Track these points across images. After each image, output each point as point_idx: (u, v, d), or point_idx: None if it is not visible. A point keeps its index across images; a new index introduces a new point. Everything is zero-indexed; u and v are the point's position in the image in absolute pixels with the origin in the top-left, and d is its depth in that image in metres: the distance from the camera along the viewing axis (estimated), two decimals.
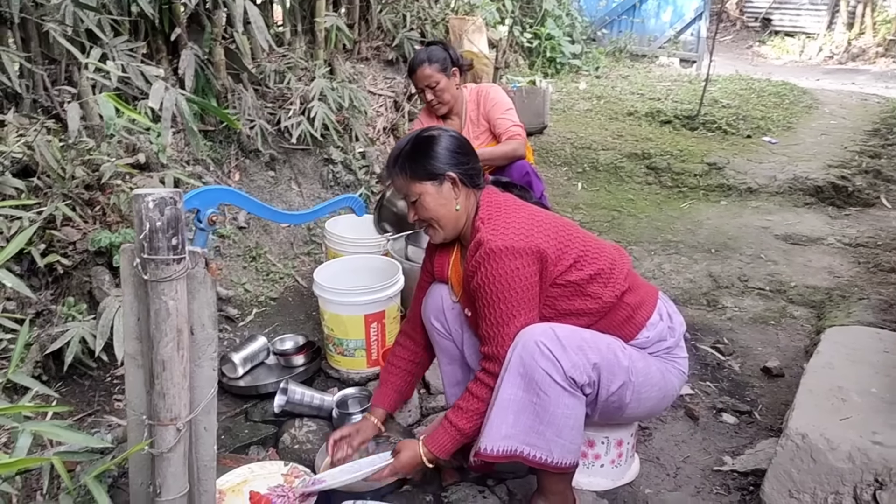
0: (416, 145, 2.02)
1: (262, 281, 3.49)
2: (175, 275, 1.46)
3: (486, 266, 1.87)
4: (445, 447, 1.95)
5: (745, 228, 4.42)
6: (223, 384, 2.75)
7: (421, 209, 2.02)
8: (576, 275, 1.94)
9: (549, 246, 1.90)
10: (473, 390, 1.93)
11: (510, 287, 1.86)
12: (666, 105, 6.75)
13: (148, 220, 1.43)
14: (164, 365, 1.51)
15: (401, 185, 2.03)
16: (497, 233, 1.89)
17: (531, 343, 1.84)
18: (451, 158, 2.00)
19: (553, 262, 1.91)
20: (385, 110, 4.89)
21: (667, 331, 2.08)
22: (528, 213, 1.98)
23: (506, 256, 1.85)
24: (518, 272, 1.85)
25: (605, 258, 2.01)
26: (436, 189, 1.98)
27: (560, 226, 1.99)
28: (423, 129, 2.10)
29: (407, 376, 2.29)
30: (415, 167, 1.99)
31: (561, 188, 5.14)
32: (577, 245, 1.97)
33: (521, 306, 1.88)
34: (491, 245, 1.86)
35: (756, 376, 2.97)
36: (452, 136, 2.05)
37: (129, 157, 3.14)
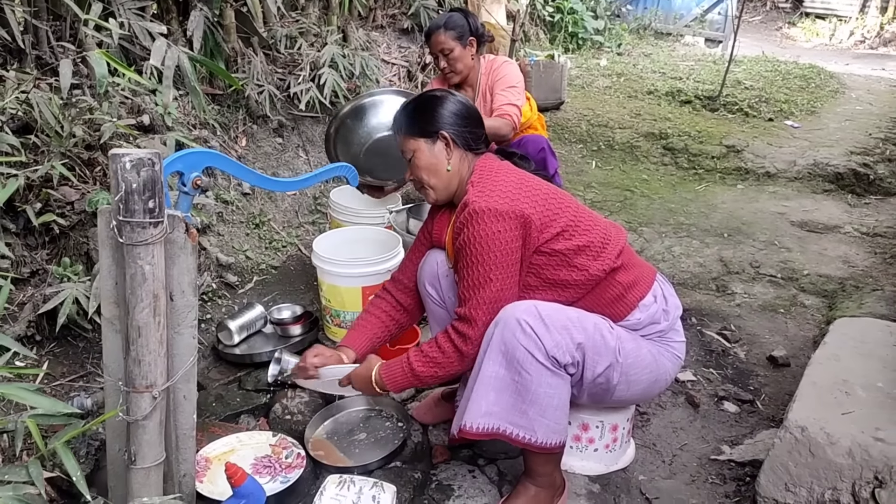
0: (420, 104, 2.05)
1: (264, 249, 3.45)
2: (151, 238, 1.42)
3: (468, 227, 1.85)
4: (397, 381, 1.94)
5: (760, 214, 4.32)
6: (218, 351, 2.73)
7: (413, 167, 2.04)
8: (562, 244, 1.90)
9: (535, 212, 1.86)
10: (439, 340, 1.91)
11: (489, 249, 1.83)
12: (687, 85, 6.60)
13: (124, 181, 1.38)
14: (140, 331, 1.47)
15: (399, 141, 2.06)
16: (483, 195, 1.86)
17: (512, 320, 1.80)
18: (450, 119, 2.00)
19: (538, 229, 1.87)
20: (398, 80, 4.81)
21: (661, 313, 2.02)
22: (518, 178, 1.95)
23: (488, 218, 1.82)
24: (499, 235, 1.82)
25: (598, 232, 1.96)
26: (428, 147, 2.00)
27: (551, 194, 1.94)
28: (431, 89, 2.14)
29: (381, 328, 2.22)
30: (412, 123, 2.02)
31: (574, 166, 5.05)
32: (566, 215, 1.93)
33: (498, 270, 1.84)
34: (475, 206, 1.84)
35: (761, 365, 2.90)
36: (460, 100, 2.06)
37: (132, 119, 3.09)
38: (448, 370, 1.91)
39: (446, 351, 1.90)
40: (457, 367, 1.91)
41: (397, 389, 1.98)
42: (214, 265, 3.14)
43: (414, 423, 2.38)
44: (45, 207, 2.63)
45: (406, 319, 2.27)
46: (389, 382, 1.95)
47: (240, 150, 3.81)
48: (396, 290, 2.26)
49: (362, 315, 2.24)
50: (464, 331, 1.88)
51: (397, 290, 2.26)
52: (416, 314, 2.28)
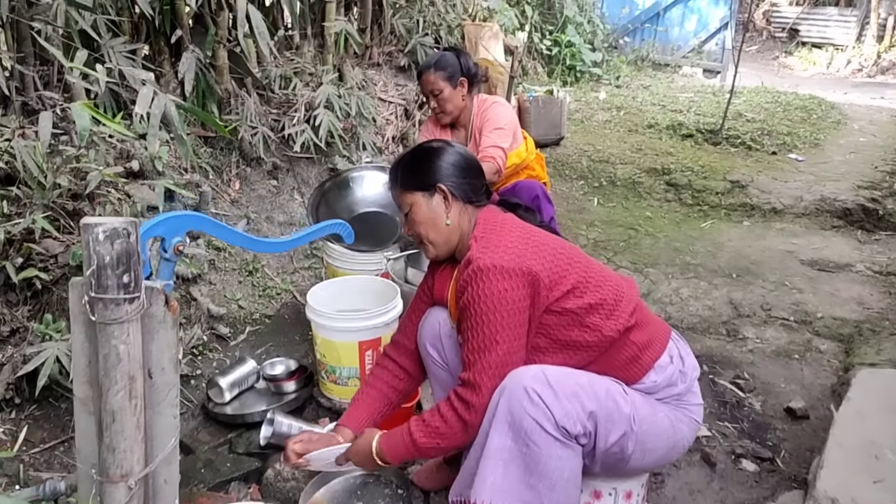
0: (417, 156, 1.97)
1: (257, 297, 3.33)
2: (126, 316, 1.30)
3: (473, 286, 1.73)
4: (398, 453, 1.82)
5: (768, 252, 4.20)
6: (208, 410, 2.60)
7: (411, 221, 1.95)
8: (573, 302, 1.79)
9: (543, 269, 1.75)
10: (442, 410, 1.78)
11: (496, 309, 1.71)
12: (688, 118, 6.53)
13: (96, 254, 1.26)
14: (114, 416, 1.34)
15: (396, 195, 1.98)
16: (487, 251, 1.75)
17: (519, 388, 1.68)
18: (448, 171, 1.92)
19: (547, 287, 1.75)
20: (395, 118, 4.72)
21: (678, 375, 1.89)
22: (525, 232, 1.84)
23: (493, 276, 1.71)
24: (505, 294, 1.71)
25: (610, 288, 1.84)
26: (425, 200, 1.91)
27: (559, 249, 1.83)
28: (428, 140, 2.05)
29: (383, 401, 2.09)
30: (408, 177, 1.94)
31: (576, 203, 4.94)
32: (576, 271, 1.81)
33: (505, 332, 1.72)
34: (479, 263, 1.73)
35: (779, 417, 2.77)
36: (458, 151, 1.97)
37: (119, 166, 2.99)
38: (451, 441, 1.79)
39: (449, 421, 1.77)
40: (461, 438, 1.78)
41: (398, 461, 1.86)
42: (205, 317, 3.01)
43: (415, 490, 2.23)
44: (26, 262, 2.52)
45: (410, 385, 2.14)
46: (390, 454, 1.83)
47: (233, 193, 3.71)
48: (398, 355, 2.13)
49: (362, 388, 2.11)
50: (468, 398, 1.75)
51: (398, 354, 2.13)
52: (419, 378, 2.16)
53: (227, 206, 3.58)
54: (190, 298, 3.02)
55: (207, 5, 3.60)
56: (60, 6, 2.80)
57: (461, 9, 5.83)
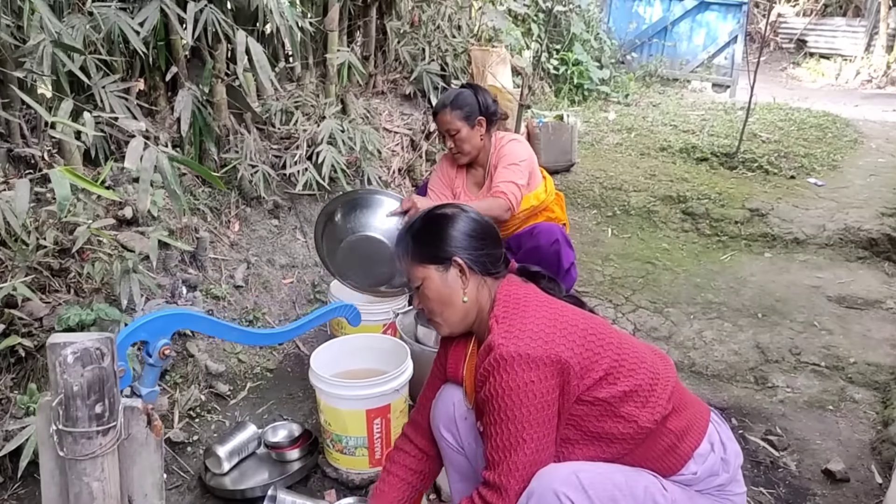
0: (428, 224, 1.77)
1: (258, 349, 3.15)
2: (100, 450, 1.12)
3: (495, 376, 1.55)
4: None
5: (793, 288, 4.01)
6: (205, 483, 2.41)
7: (423, 297, 1.76)
8: (606, 391, 1.60)
9: (574, 355, 1.57)
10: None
11: (522, 403, 1.53)
12: (701, 139, 6.34)
13: (63, 382, 1.08)
14: None
15: (405, 266, 1.78)
16: (511, 336, 1.57)
17: (550, 494, 1.51)
18: (464, 242, 1.73)
19: (578, 376, 1.57)
20: (401, 149, 4.55)
21: (719, 464, 1.71)
22: (552, 312, 1.64)
23: (519, 366, 1.53)
24: (533, 386, 1.53)
25: (645, 371, 1.66)
26: (439, 275, 1.72)
27: (590, 329, 1.64)
28: (440, 205, 1.85)
29: (406, 489, 1.92)
30: (419, 248, 1.75)
31: (589, 234, 4.76)
32: (609, 354, 1.63)
33: (533, 428, 1.55)
34: (502, 351, 1.54)
35: (817, 480, 2.58)
36: (472, 217, 1.78)
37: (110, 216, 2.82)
38: None
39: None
40: None
41: None
42: (203, 374, 2.83)
43: None
44: (8, 328, 2.35)
45: (432, 466, 1.97)
46: None
47: (233, 235, 3.54)
48: (416, 436, 1.96)
49: (382, 477, 1.93)
50: (494, 502, 1.57)
51: (416, 434, 1.96)
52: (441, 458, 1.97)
53: (225, 250, 3.41)
54: (187, 356, 2.84)
55: (204, 38, 3.44)
56: (47, 49, 2.64)
57: (466, 31, 5.68)
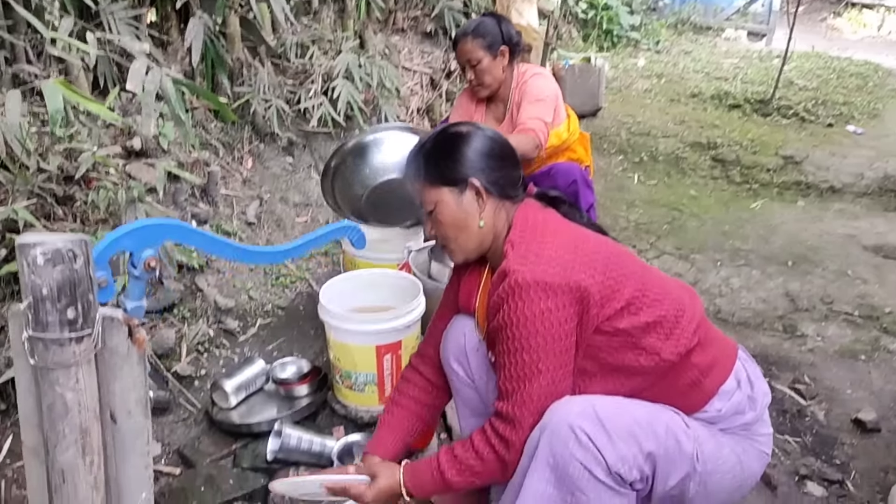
0: (439, 143, 1.63)
1: (270, 286, 3.08)
2: (74, 359, 1.04)
3: (509, 303, 1.45)
4: (425, 488, 1.59)
5: (827, 236, 3.84)
6: (212, 417, 2.36)
7: (436, 222, 1.63)
8: (627, 321, 1.49)
9: (594, 282, 1.46)
10: (477, 445, 1.52)
11: (538, 333, 1.43)
12: (734, 86, 6.10)
13: (31, 284, 1.00)
14: (64, 475, 1.09)
15: (417, 189, 1.65)
16: (527, 262, 1.46)
17: (564, 427, 1.41)
18: (480, 162, 1.59)
19: (597, 304, 1.46)
20: (420, 88, 4.41)
21: (746, 402, 1.60)
22: (572, 237, 1.53)
23: (535, 293, 1.42)
24: (549, 315, 1.42)
25: (670, 303, 1.55)
26: (454, 198, 1.59)
27: (612, 257, 1.53)
28: (453, 123, 1.70)
29: (413, 420, 1.82)
30: (432, 169, 1.61)
31: (615, 180, 4.60)
32: (632, 283, 1.52)
33: (549, 358, 1.45)
34: (518, 277, 1.43)
35: (846, 430, 2.47)
36: (488, 136, 1.64)
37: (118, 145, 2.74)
38: (488, 480, 1.55)
39: (486, 459, 1.50)
40: (499, 476, 1.53)
41: (425, 496, 1.62)
42: (212, 309, 2.77)
43: None
44: (10, 254, 2.28)
45: (441, 399, 1.88)
46: (416, 489, 1.58)
47: (245, 172, 3.45)
48: (424, 367, 1.87)
49: (387, 408, 1.84)
50: (507, 435, 1.48)
51: (425, 366, 1.87)
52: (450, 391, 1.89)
53: (238, 186, 3.32)
54: (196, 290, 2.78)
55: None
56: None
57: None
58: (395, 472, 1.60)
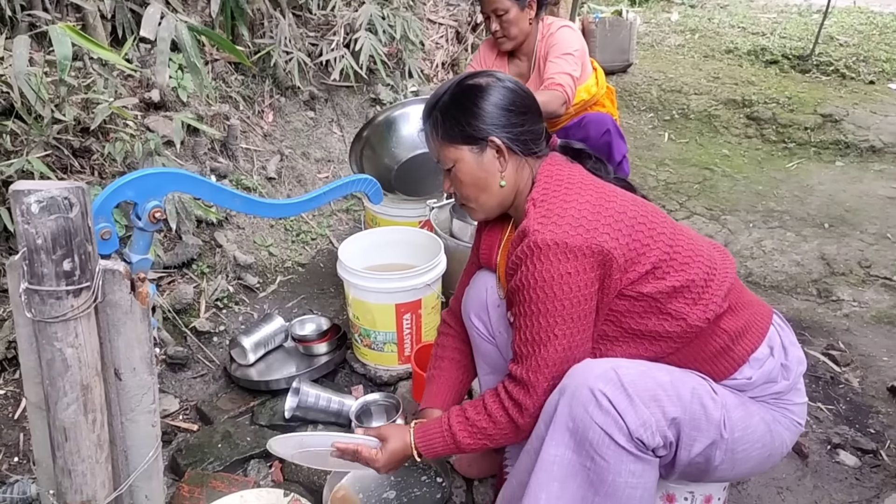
0: (457, 97, 1.53)
1: (290, 243, 3.03)
2: (72, 312, 0.99)
3: (528, 264, 1.38)
4: (435, 449, 1.54)
5: (866, 198, 3.70)
6: (230, 373, 2.34)
7: (455, 181, 1.56)
8: (653, 285, 1.42)
9: (618, 245, 1.38)
10: (490, 408, 1.47)
11: (555, 296, 1.36)
12: (772, 42, 5.88)
13: (25, 233, 0.95)
14: (66, 433, 1.06)
15: (434, 146, 1.57)
16: (548, 221, 1.38)
17: (584, 390, 1.34)
18: (500, 118, 1.50)
19: (621, 268, 1.39)
20: (445, 42, 4.28)
21: (778, 370, 1.52)
22: (597, 196, 1.44)
23: (555, 256, 1.35)
24: (569, 279, 1.36)
25: (700, 265, 1.46)
26: (474, 157, 1.51)
27: (639, 217, 1.44)
28: (470, 74, 1.58)
29: (460, 370, 1.82)
30: (449, 126, 1.52)
31: (644, 138, 4.47)
32: (660, 246, 1.44)
33: (566, 323, 1.39)
34: (537, 238, 1.37)
35: (881, 398, 2.38)
36: (507, 87, 1.53)
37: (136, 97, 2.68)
38: (501, 443, 1.51)
39: (498, 421, 1.47)
40: (512, 439, 1.50)
41: (434, 457, 1.56)
42: (231, 265, 2.73)
43: (455, 478, 1.95)
44: None
45: None
46: (427, 451, 1.54)
47: (266, 126, 3.38)
48: (457, 322, 1.84)
49: (434, 363, 1.82)
50: (520, 399, 1.43)
51: (457, 321, 1.84)
52: None
53: (258, 141, 3.26)
54: (215, 245, 2.74)
55: None
56: None
57: None
58: (406, 435, 1.56)
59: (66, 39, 1.56)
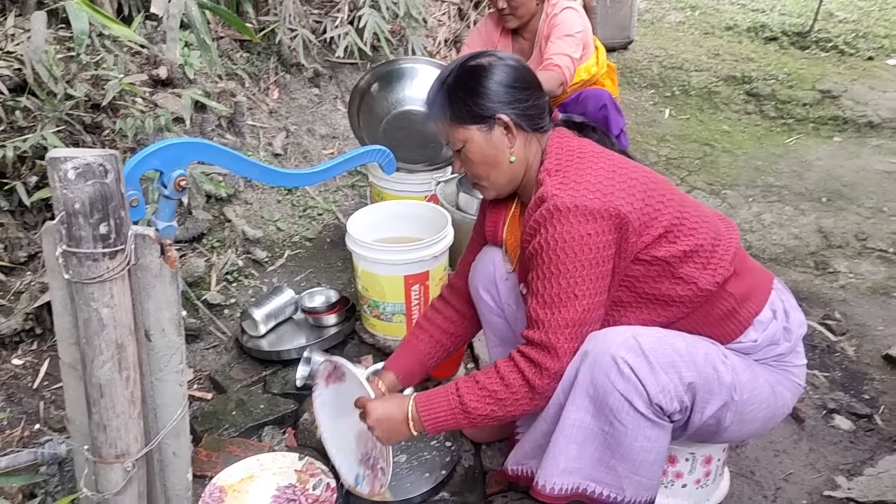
0: (461, 77, 1.56)
1: (297, 218, 3.08)
2: (108, 274, 1.04)
3: (547, 227, 1.42)
4: (439, 419, 1.50)
5: (863, 173, 3.75)
6: (242, 344, 2.40)
7: (465, 161, 1.59)
8: (665, 249, 1.47)
9: (634, 209, 1.43)
10: (504, 371, 1.47)
11: (576, 258, 1.40)
12: (772, 18, 5.90)
13: (64, 198, 1.00)
14: (102, 390, 1.11)
15: (442, 129, 1.59)
16: (566, 187, 1.43)
17: (606, 357, 1.40)
18: (506, 95, 1.53)
19: (636, 232, 1.44)
20: (448, 19, 4.30)
21: (781, 333, 1.58)
22: (610, 163, 1.49)
23: (574, 218, 1.40)
24: (589, 240, 1.40)
25: (707, 231, 1.52)
26: (483, 136, 1.54)
27: (650, 184, 1.50)
28: (473, 55, 1.61)
29: (433, 345, 1.82)
30: (456, 107, 1.54)
31: (645, 115, 4.51)
32: (670, 210, 1.49)
33: (586, 284, 1.42)
34: (557, 202, 1.41)
35: (876, 365, 2.45)
36: (510, 65, 1.56)
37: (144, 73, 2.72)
38: (511, 410, 1.48)
39: (512, 385, 1.45)
40: (524, 406, 1.48)
41: (438, 430, 1.54)
42: (241, 240, 2.78)
43: (464, 443, 2.01)
44: (42, 181, 2.30)
45: (467, 330, 1.89)
46: (429, 421, 1.51)
47: (271, 103, 3.42)
48: (454, 298, 1.87)
49: (411, 331, 1.86)
50: (540, 360, 1.44)
51: (454, 297, 1.87)
52: (477, 323, 1.89)
53: (264, 118, 3.30)
54: (224, 220, 2.79)
55: None
56: None
57: None
58: (404, 405, 1.54)
59: (83, 14, 1.60)
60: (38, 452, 1.41)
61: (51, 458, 1.40)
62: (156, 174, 1.22)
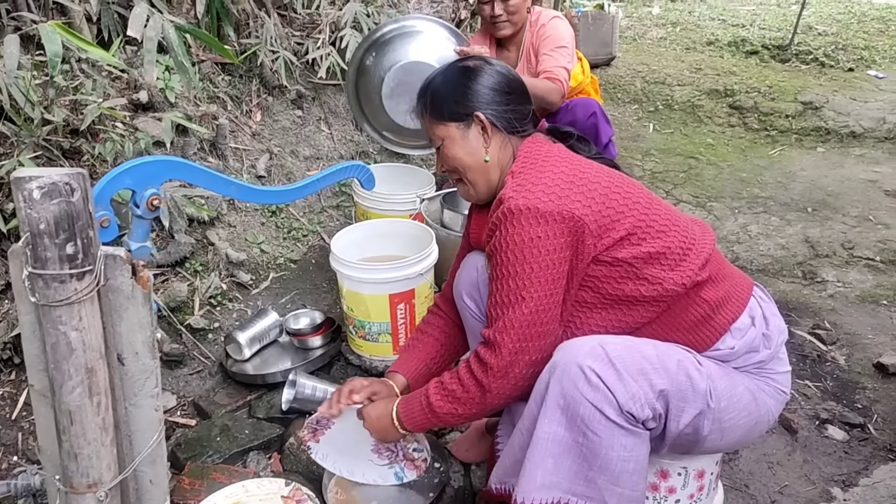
0: (447, 78, 1.63)
1: (281, 240, 3.05)
2: (76, 296, 1.01)
3: (501, 229, 1.45)
4: (415, 419, 1.59)
5: (847, 182, 3.76)
6: (226, 369, 2.36)
7: (443, 157, 1.64)
8: (627, 251, 1.47)
9: (590, 212, 1.44)
10: (461, 372, 1.52)
11: (525, 259, 1.42)
12: (752, 32, 5.95)
13: (28, 218, 0.97)
14: (72, 417, 1.08)
15: (425, 125, 1.66)
16: (523, 189, 1.45)
17: (573, 367, 1.38)
18: (486, 96, 1.58)
19: (594, 235, 1.44)
20: None
21: (760, 339, 1.57)
22: (571, 167, 1.50)
23: (525, 220, 1.41)
24: (538, 242, 1.41)
25: (676, 235, 1.52)
26: (460, 133, 1.60)
27: (613, 187, 1.50)
28: (462, 58, 1.70)
29: (438, 348, 1.85)
30: (439, 104, 1.61)
31: (629, 130, 4.52)
32: (634, 214, 1.49)
33: (535, 287, 1.43)
34: (511, 204, 1.43)
35: (867, 374, 2.43)
36: (496, 70, 1.62)
37: (124, 98, 2.70)
38: (470, 409, 1.52)
39: (466, 384, 1.50)
40: (479, 404, 1.51)
41: (417, 429, 1.61)
42: (224, 263, 2.75)
43: (453, 463, 1.98)
44: None
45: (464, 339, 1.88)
46: (408, 420, 1.59)
47: (254, 125, 3.39)
48: (447, 306, 1.88)
49: (414, 335, 1.87)
50: (486, 359, 1.47)
51: (448, 305, 1.88)
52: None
53: (247, 140, 3.28)
54: (207, 243, 2.75)
55: None
56: None
57: None
58: (391, 405, 1.62)
59: (57, 37, 1.58)
60: (10, 484, 1.37)
61: (24, 490, 1.36)
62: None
